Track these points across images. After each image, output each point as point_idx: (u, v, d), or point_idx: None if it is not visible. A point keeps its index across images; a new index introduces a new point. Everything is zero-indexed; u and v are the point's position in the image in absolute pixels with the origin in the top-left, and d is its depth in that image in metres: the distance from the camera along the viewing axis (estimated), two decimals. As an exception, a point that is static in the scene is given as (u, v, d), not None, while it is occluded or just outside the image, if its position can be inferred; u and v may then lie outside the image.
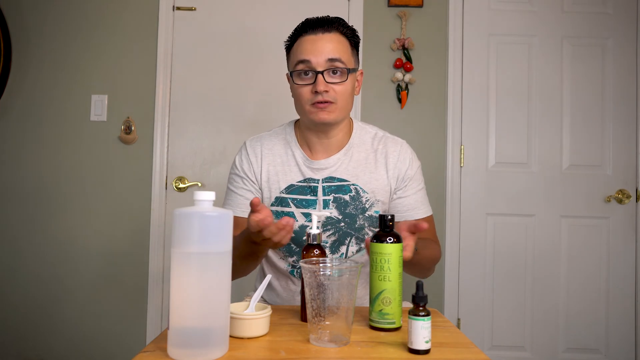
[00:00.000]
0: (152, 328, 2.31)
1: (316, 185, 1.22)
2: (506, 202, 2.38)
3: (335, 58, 1.14)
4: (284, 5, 2.39)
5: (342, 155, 1.23)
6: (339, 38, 1.17)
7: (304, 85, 1.15)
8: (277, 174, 1.24)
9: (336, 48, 1.15)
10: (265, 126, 2.33)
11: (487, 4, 2.43)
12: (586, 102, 2.40)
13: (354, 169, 1.23)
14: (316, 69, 1.13)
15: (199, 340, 0.74)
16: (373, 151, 1.25)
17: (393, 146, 1.26)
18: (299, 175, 1.23)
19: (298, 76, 1.16)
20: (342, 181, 1.22)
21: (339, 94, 1.15)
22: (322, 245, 0.98)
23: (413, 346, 0.79)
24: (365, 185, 1.22)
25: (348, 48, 1.18)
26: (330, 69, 1.14)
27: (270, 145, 1.27)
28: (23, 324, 2.31)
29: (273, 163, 1.24)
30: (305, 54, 1.14)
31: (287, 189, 1.22)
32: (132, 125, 2.34)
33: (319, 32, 1.15)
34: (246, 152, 1.26)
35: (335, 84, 1.15)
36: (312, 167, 1.23)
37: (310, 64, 1.14)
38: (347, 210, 1.21)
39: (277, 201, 1.23)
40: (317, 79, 1.13)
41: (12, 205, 2.34)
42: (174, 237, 0.76)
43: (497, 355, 2.32)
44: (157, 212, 2.32)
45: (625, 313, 2.35)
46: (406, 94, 2.37)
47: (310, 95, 1.15)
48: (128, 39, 2.38)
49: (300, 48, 1.16)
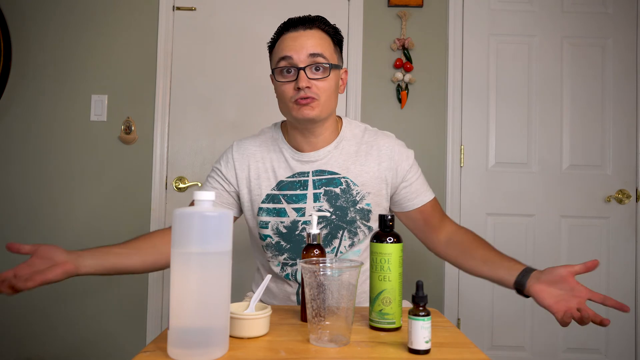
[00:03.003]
0: (152, 328, 2.31)
1: (306, 179, 1.21)
2: (506, 202, 2.38)
3: (316, 53, 1.13)
4: (284, 5, 2.39)
5: (333, 148, 1.23)
6: (320, 34, 1.17)
7: (286, 82, 1.14)
8: (267, 171, 1.24)
9: (318, 44, 1.14)
10: (265, 126, 2.34)
11: (487, 4, 2.43)
12: (586, 102, 2.40)
13: (344, 161, 1.23)
14: (298, 65, 1.12)
15: (199, 340, 0.74)
16: (364, 144, 1.25)
17: (383, 139, 1.26)
18: (288, 171, 1.23)
19: (280, 73, 1.15)
20: (332, 174, 1.22)
21: (321, 90, 1.14)
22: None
23: (413, 346, 0.79)
24: (355, 178, 1.22)
25: (330, 45, 1.18)
26: (312, 64, 1.13)
27: (258, 143, 1.27)
28: (23, 324, 2.31)
29: (262, 160, 1.24)
30: (287, 51, 1.14)
31: (278, 186, 1.22)
32: (132, 125, 2.34)
33: (300, 29, 1.16)
34: (232, 155, 1.26)
35: (318, 79, 1.13)
36: (302, 160, 1.22)
37: (292, 60, 1.13)
38: (338, 203, 1.21)
39: (268, 198, 1.22)
40: (299, 75, 1.12)
41: (12, 205, 2.33)
42: (174, 237, 0.77)
43: (497, 355, 2.32)
44: (157, 212, 2.32)
45: (625, 313, 2.35)
46: (406, 94, 2.37)
47: (292, 92, 1.14)
48: (128, 39, 2.38)
49: (282, 45, 1.16)
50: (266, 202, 1.22)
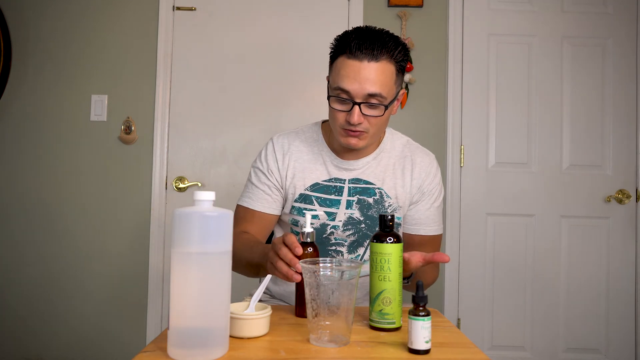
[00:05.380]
0: (152, 328, 2.31)
1: (342, 185, 1.23)
2: (506, 202, 2.38)
3: (375, 93, 1.08)
4: (284, 5, 2.39)
5: (372, 158, 1.24)
6: (385, 67, 1.08)
7: (340, 111, 1.12)
8: (304, 171, 1.24)
9: (379, 81, 1.08)
10: (265, 126, 2.35)
11: (487, 4, 2.42)
12: (586, 102, 2.40)
13: (381, 172, 1.24)
14: (354, 100, 1.09)
15: (199, 340, 0.74)
16: (402, 157, 1.26)
17: (421, 156, 1.27)
18: (325, 174, 1.24)
19: (336, 100, 1.12)
20: (368, 184, 1.23)
21: (372, 124, 1.13)
22: (330, 243, 0.99)
23: (413, 346, 0.79)
24: (389, 191, 1.23)
25: (393, 76, 1.11)
26: (369, 103, 1.09)
27: (298, 142, 1.26)
28: (23, 324, 2.31)
29: (300, 160, 1.24)
30: (346, 84, 1.08)
31: (312, 187, 1.23)
32: (132, 125, 2.34)
33: (364, 60, 1.07)
34: (272, 148, 1.26)
35: (371, 116, 1.11)
36: (341, 167, 1.23)
37: (350, 94, 1.09)
38: (370, 212, 1.22)
39: (300, 198, 1.23)
40: (352, 108, 1.09)
41: (12, 205, 2.33)
42: (174, 237, 0.76)
43: (497, 355, 2.32)
44: (157, 212, 2.32)
45: (625, 313, 2.35)
46: (406, 94, 2.37)
47: (344, 121, 1.12)
48: (128, 39, 2.38)
49: (342, 73, 1.09)
50: (299, 201, 1.23)
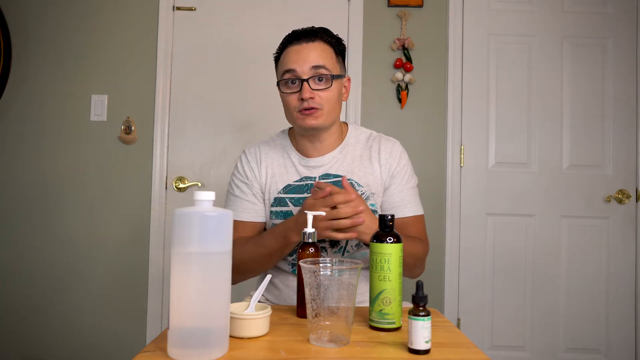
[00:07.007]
0: (152, 328, 2.31)
1: (313, 182, 1.25)
2: (506, 202, 2.38)
3: (319, 65, 1.18)
4: (284, 5, 2.39)
5: (337, 153, 1.29)
6: (322, 46, 1.21)
7: (291, 93, 1.20)
8: (275, 175, 1.29)
9: (320, 56, 1.20)
10: (264, 126, 2.35)
11: (487, 4, 2.42)
12: (586, 102, 2.40)
13: (349, 165, 1.28)
14: (301, 77, 1.18)
15: (199, 340, 0.74)
16: (368, 148, 1.31)
17: (386, 143, 1.31)
18: (296, 175, 1.28)
19: (285, 85, 1.22)
20: (338, 177, 1.26)
21: (324, 99, 1.20)
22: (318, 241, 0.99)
23: (413, 346, 0.79)
24: (360, 180, 1.27)
25: (332, 55, 1.23)
26: (315, 76, 1.19)
27: (267, 149, 1.33)
28: (23, 324, 2.31)
29: (271, 166, 1.30)
30: (291, 64, 1.19)
31: (285, 189, 1.27)
32: (132, 125, 2.34)
33: (303, 42, 1.20)
34: (246, 159, 1.33)
35: (321, 90, 1.19)
36: (308, 165, 1.28)
37: (296, 72, 1.19)
38: None
39: (275, 202, 1.27)
40: (302, 86, 1.18)
41: (12, 205, 2.33)
42: (174, 237, 0.77)
43: (497, 355, 2.32)
44: (157, 212, 2.32)
45: (625, 313, 2.35)
46: (406, 94, 2.37)
47: (297, 103, 1.20)
48: (128, 39, 2.38)
49: (286, 58, 1.21)
50: (274, 205, 1.27)
